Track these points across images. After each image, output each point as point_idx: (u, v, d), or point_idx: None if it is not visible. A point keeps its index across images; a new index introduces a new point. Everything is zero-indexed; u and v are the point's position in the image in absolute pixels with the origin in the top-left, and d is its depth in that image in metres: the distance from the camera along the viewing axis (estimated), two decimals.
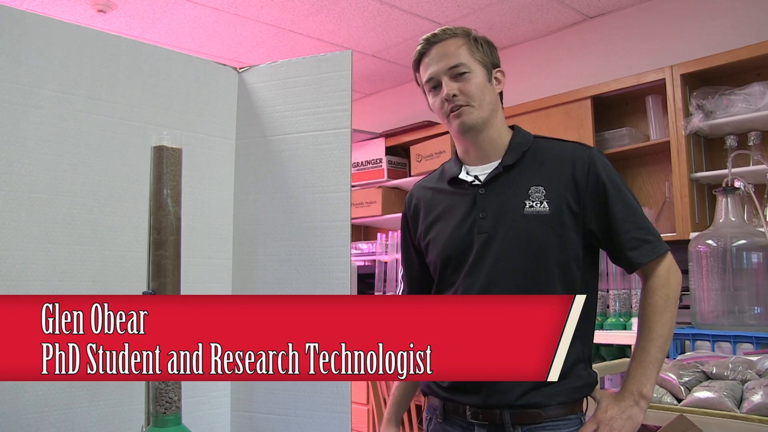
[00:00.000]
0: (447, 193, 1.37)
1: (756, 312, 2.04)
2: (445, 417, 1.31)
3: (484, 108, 1.30)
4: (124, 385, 1.34)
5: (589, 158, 1.27)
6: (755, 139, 2.50)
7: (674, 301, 1.26)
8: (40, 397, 1.25)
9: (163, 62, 1.50)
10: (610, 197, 1.25)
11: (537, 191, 1.27)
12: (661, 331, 1.23)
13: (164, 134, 1.15)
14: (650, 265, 1.25)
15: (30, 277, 1.26)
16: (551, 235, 1.25)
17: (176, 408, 1.11)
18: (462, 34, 1.33)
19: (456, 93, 1.28)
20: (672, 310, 1.25)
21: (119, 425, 1.34)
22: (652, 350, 1.22)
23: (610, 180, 1.26)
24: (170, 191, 1.14)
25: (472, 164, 1.36)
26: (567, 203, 1.25)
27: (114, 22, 3.25)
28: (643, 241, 1.25)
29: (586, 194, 1.25)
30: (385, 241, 3.63)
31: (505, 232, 1.26)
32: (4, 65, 1.25)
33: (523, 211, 1.26)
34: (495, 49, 1.37)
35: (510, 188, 1.29)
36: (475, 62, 1.30)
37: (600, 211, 1.26)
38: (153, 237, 1.14)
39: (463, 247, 1.29)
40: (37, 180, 1.28)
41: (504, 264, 1.25)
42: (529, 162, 1.31)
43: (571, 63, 3.30)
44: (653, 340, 1.23)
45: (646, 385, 1.21)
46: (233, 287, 1.55)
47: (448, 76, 1.29)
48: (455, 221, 1.32)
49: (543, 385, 1.22)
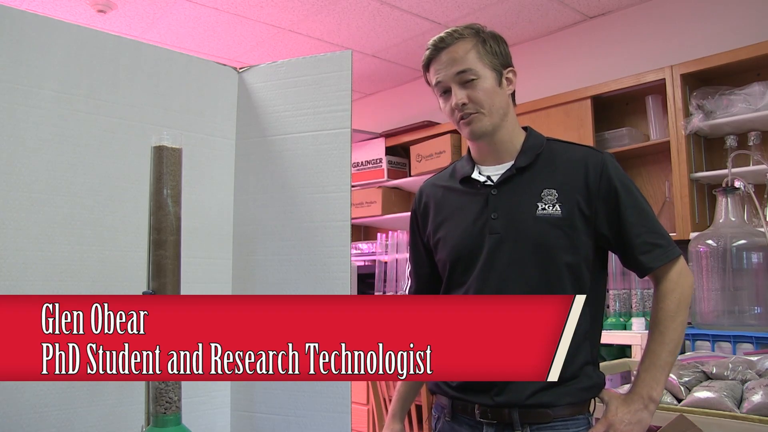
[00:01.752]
0: (458, 192, 1.36)
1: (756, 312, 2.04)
2: (453, 416, 1.32)
3: (494, 114, 1.29)
4: (124, 385, 1.34)
5: (602, 163, 1.28)
6: (755, 139, 2.50)
7: (686, 305, 1.26)
8: (40, 397, 1.25)
9: (163, 62, 1.49)
10: (622, 201, 1.25)
11: (549, 194, 1.27)
12: (672, 335, 1.23)
13: (164, 134, 1.15)
14: (662, 269, 1.25)
15: (30, 277, 1.26)
16: (563, 238, 1.25)
17: (176, 408, 1.11)
18: (470, 35, 1.31)
19: (465, 101, 1.27)
20: (683, 314, 1.25)
21: (119, 425, 1.34)
22: (663, 354, 1.22)
23: (623, 185, 1.27)
24: (170, 191, 1.14)
25: (485, 164, 1.36)
26: (579, 207, 1.26)
27: (114, 22, 3.25)
28: (654, 245, 1.25)
29: (598, 198, 1.26)
30: (385, 241, 3.63)
31: (516, 234, 1.26)
32: (4, 65, 1.25)
33: (536, 214, 1.26)
34: (506, 46, 1.34)
35: (522, 190, 1.29)
36: (483, 66, 1.29)
37: (612, 215, 1.26)
38: (153, 237, 1.14)
39: (473, 247, 1.29)
40: (37, 180, 1.28)
41: (516, 266, 1.25)
42: (542, 165, 1.31)
43: (571, 63, 3.30)
44: (665, 344, 1.23)
45: (656, 389, 1.21)
46: (233, 287, 1.55)
47: (456, 83, 1.28)
48: (467, 221, 1.32)
49: (553, 385, 1.22)
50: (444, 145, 3.45)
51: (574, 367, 1.24)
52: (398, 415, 1.47)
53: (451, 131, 3.47)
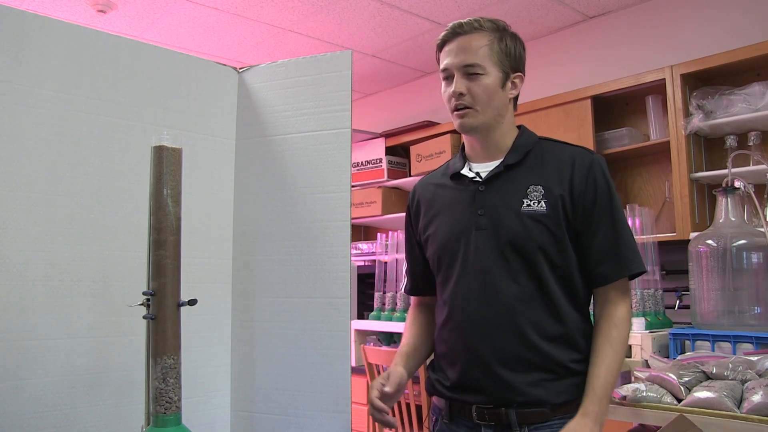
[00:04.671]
0: (448, 188, 1.37)
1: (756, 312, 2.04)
2: (451, 418, 1.32)
3: (488, 113, 1.29)
4: (124, 385, 1.35)
5: (590, 162, 1.28)
6: (755, 139, 2.50)
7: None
8: (40, 397, 1.25)
9: (163, 62, 1.49)
10: (598, 204, 1.26)
11: (535, 190, 1.27)
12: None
13: (164, 134, 1.15)
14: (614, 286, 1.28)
15: (30, 277, 1.26)
16: (547, 235, 1.25)
17: (176, 408, 1.11)
18: (490, 29, 1.30)
19: (463, 92, 1.28)
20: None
21: (119, 425, 1.34)
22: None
23: (604, 189, 1.27)
24: (170, 191, 1.14)
25: (476, 161, 1.36)
26: (563, 204, 1.26)
27: (114, 22, 3.25)
28: (616, 255, 1.26)
29: (579, 198, 1.26)
30: (385, 241, 3.63)
31: (502, 230, 1.26)
32: (4, 65, 1.25)
33: (521, 210, 1.26)
34: (523, 51, 1.35)
35: (509, 187, 1.29)
36: (492, 65, 1.28)
37: (587, 215, 1.27)
38: (153, 237, 1.14)
39: (459, 241, 1.30)
40: (37, 180, 1.28)
41: (500, 261, 1.26)
42: (530, 162, 1.31)
43: (571, 63, 3.30)
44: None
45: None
46: (233, 287, 1.55)
47: (461, 72, 1.28)
48: (454, 216, 1.33)
49: (548, 381, 1.22)
50: (444, 145, 3.45)
51: (569, 364, 1.25)
52: (403, 362, 1.37)
53: (451, 131, 3.47)
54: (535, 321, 1.24)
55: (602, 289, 1.30)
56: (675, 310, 2.65)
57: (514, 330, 1.24)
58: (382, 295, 3.60)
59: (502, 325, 1.24)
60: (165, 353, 1.10)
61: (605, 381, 1.23)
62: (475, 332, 1.26)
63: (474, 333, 1.26)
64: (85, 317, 1.31)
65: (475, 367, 1.25)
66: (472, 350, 1.26)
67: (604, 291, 1.30)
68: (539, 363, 1.24)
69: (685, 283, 2.32)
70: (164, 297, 1.11)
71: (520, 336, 1.23)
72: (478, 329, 1.25)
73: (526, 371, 1.23)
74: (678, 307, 2.68)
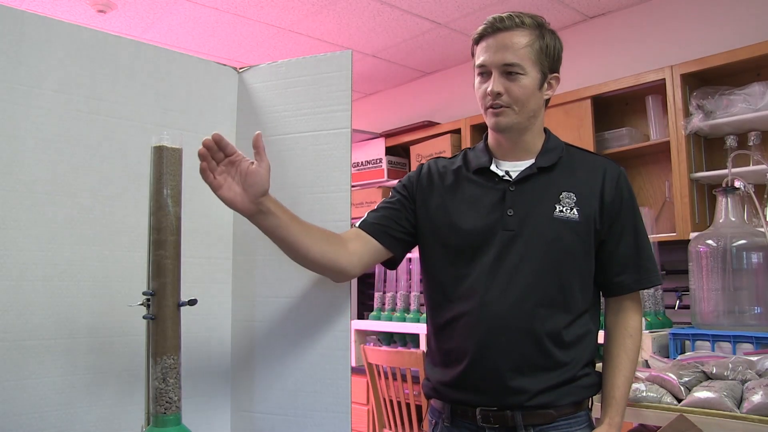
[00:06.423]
0: (471, 181, 1.34)
1: (756, 312, 2.04)
2: (452, 421, 1.30)
3: (524, 114, 1.28)
4: (124, 385, 1.34)
5: (619, 175, 1.30)
6: (755, 139, 2.50)
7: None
8: (40, 397, 1.25)
9: (163, 62, 1.49)
10: (623, 215, 1.29)
11: (568, 197, 1.27)
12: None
13: (164, 134, 1.15)
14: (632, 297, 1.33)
15: (30, 277, 1.26)
16: (577, 243, 1.25)
17: (176, 408, 1.11)
18: (532, 27, 1.27)
19: (501, 92, 1.25)
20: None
21: (119, 425, 1.34)
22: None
23: (629, 203, 1.30)
24: (170, 191, 1.14)
25: (503, 158, 1.34)
26: (593, 214, 1.26)
27: (114, 22, 3.25)
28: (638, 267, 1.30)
29: (608, 208, 1.28)
30: None
31: (531, 233, 1.25)
32: (4, 65, 1.25)
33: (552, 215, 1.25)
34: (561, 49, 1.32)
35: (541, 190, 1.28)
36: (532, 65, 1.25)
37: (613, 227, 1.29)
38: (153, 237, 1.13)
39: (485, 238, 1.27)
40: (37, 180, 1.28)
41: (526, 264, 1.24)
42: (561, 168, 1.31)
43: (570, 63, 3.28)
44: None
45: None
46: (233, 287, 1.55)
47: (499, 71, 1.25)
48: (479, 212, 1.29)
49: (555, 386, 1.22)
50: (444, 145, 3.46)
51: (576, 368, 1.25)
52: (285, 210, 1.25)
53: (451, 131, 3.47)
54: (552, 327, 1.23)
55: (618, 298, 1.31)
56: (675, 310, 2.66)
57: (531, 335, 1.22)
58: (382, 295, 3.60)
59: (519, 330, 1.22)
60: (165, 353, 1.10)
61: (625, 390, 1.27)
62: (489, 333, 1.23)
63: (488, 333, 1.23)
64: (85, 317, 1.31)
65: (482, 367, 1.24)
66: (483, 350, 1.24)
67: (620, 300, 1.31)
68: (550, 369, 1.23)
69: (685, 283, 2.32)
70: (164, 297, 1.11)
71: (536, 341, 1.22)
72: (493, 330, 1.23)
73: (537, 376, 1.22)
74: (678, 307, 2.68)
